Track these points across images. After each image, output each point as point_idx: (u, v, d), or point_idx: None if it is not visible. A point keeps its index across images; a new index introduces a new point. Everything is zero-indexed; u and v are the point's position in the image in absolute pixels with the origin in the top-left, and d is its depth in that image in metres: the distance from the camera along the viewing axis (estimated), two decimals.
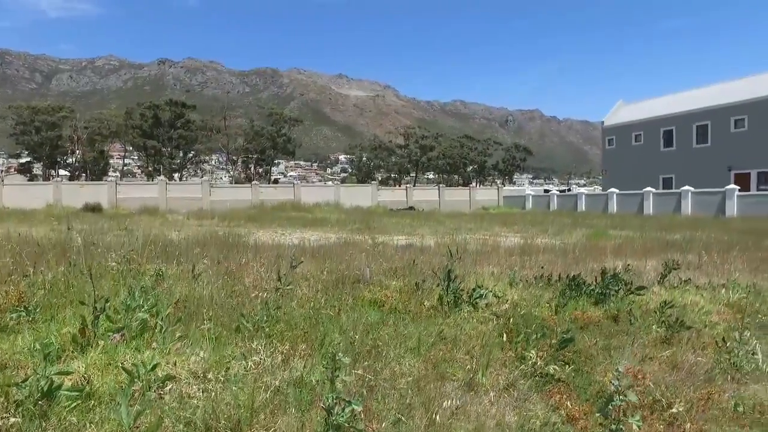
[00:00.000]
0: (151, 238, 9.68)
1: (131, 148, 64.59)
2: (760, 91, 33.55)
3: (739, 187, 27.36)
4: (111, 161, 75.58)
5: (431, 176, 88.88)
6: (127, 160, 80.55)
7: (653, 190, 31.25)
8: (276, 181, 75.65)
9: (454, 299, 4.46)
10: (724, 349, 3.87)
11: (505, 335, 3.94)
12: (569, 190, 53.33)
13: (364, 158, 73.43)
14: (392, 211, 33.22)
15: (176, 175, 57.77)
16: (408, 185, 48.56)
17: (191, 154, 60.17)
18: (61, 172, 60.75)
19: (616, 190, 33.42)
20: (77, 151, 58.58)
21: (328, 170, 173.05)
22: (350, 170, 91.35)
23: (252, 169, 62.88)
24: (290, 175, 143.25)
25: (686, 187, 29.03)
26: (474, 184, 70.98)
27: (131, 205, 30.26)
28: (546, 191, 45.47)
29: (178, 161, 58.26)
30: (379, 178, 73.72)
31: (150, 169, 57.21)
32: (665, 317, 4.65)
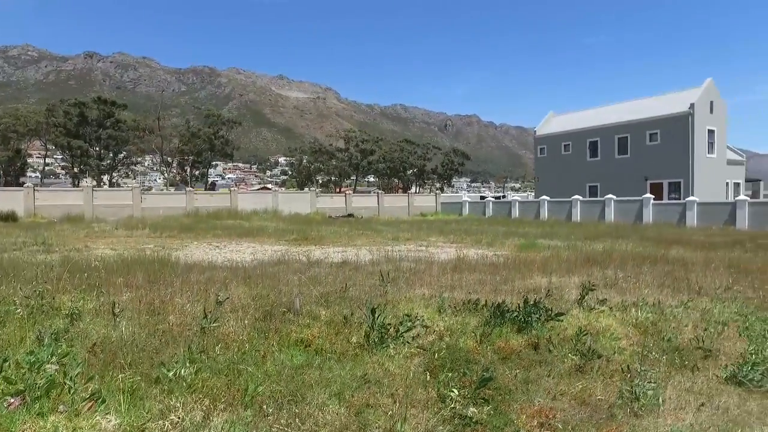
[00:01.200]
0: (71, 260, 9.13)
1: (54, 147, 60.27)
2: (670, 108, 36.61)
3: (653, 196, 29.56)
4: (30, 161, 70.41)
5: (371, 179, 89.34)
6: (49, 160, 75.21)
7: (580, 198, 33.05)
8: (213, 184, 73.26)
9: (380, 336, 4.52)
10: (627, 378, 4.18)
11: (428, 374, 4.05)
12: (504, 196, 55.31)
13: (304, 161, 72.70)
14: (331, 218, 33.09)
15: (105, 177, 54.57)
16: (347, 192, 48.60)
17: (122, 155, 57.02)
18: None
19: (547, 198, 35.07)
20: None
21: (268, 173, 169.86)
22: (290, 173, 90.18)
23: (188, 171, 60.62)
24: (228, 177, 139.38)
25: (609, 196, 30.95)
26: (414, 188, 72.09)
27: (52, 212, 28.30)
28: (482, 197, 46.93)
29: (108, 162, 55.01)
30: (320, 181, 73.30)
31: (76, 170, 53.66)
32: (580, 345, 4.96)
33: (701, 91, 35.99)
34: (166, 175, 60.92)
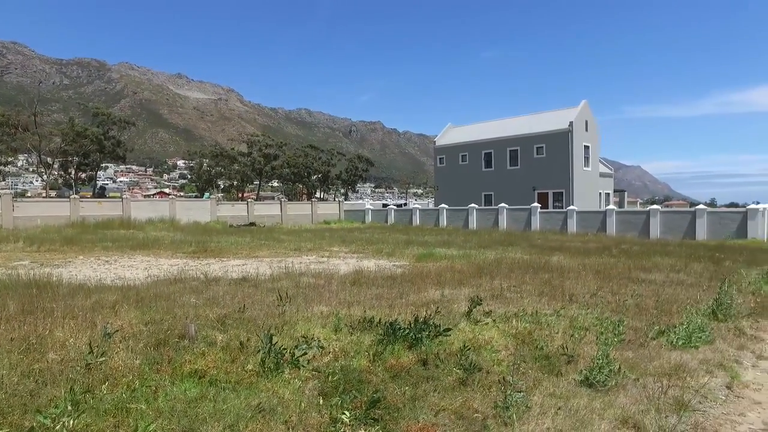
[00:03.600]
0: None
1: None
2: (553, 125, 40.31)
3: (540, 205, 32.25)
4: None
5: (276, 184, 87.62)
6: None
7: (476, 206, 35.11)
8: (102, 189, 67.63)
9: (276, 362, 4.65)
10: (501, 389, 4.68)
11: (322, 398, 4.25)
12: (406, 204, 57.11)
13: (204, 165, 69.47)
14: (232, 227, 32.11)
15: None
16: (249, 199, 47.23)
17: None
18: None
19: (446, 206, 36.82)
20: None
21: (165, 176, 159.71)
22: (190, 177, 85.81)
23: (72, 173, 55.30)
24: (120, 181, 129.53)
25: (502, 205, 33.22)
26: (318, 193, 71.85)
27: None
28: (384, 205, 48.11)
29: None
30: (221, 186, 70.54)
31: None
32: (464, 359, 5.43)
33: (578, 111, 39.96)
34: (45, 177, 55.04)
